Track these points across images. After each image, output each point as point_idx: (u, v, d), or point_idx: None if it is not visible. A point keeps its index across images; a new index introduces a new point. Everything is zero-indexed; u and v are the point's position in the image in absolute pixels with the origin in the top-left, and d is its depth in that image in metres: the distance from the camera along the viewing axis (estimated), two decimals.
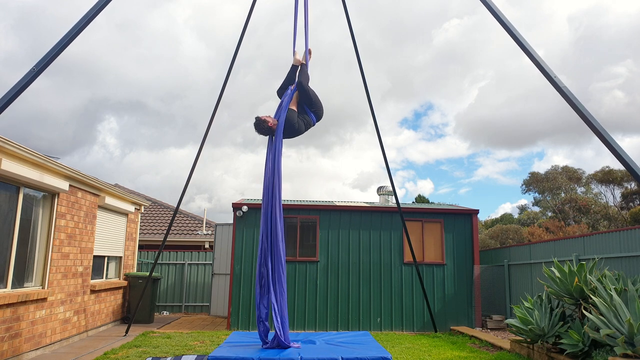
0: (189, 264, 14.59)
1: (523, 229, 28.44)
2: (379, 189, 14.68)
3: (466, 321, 11.13)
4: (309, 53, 6.38)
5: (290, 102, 5.81)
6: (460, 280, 11.35)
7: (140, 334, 9.39)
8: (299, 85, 5.86)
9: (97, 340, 8.76)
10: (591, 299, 6.22)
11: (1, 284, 6.51)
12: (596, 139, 5.56)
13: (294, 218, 11.28)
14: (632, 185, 28.18)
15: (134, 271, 11.96)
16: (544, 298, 7.53)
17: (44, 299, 7.45)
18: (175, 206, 10.04)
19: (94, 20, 6.01)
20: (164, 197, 44.09)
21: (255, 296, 5.33)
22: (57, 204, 7.92)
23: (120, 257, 11.26)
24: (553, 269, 7.21)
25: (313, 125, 5.96)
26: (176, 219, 18.94)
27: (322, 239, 11.28)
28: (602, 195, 31.20)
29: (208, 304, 13.88)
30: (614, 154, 5.44)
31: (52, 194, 7.85)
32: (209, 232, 18.49)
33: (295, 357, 4.53)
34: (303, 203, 12.10)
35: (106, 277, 10.44)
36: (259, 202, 11.18)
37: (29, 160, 6.86)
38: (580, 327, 6.42)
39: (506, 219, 37.58)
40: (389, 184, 12.61)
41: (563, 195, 30.97)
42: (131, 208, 11.37)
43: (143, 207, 12.39)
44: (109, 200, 9.93)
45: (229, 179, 56.29)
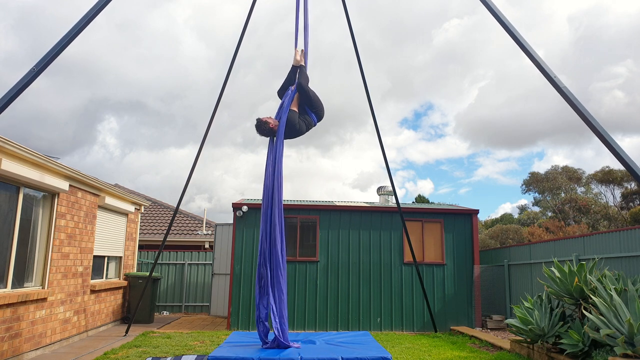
0: (189, 264, 14.60)
1: (523, 229, 28.44)
2: (379, 189, 14.68)
3: (466, 321, 11.13)
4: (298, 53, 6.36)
5: (291, 103, 5.80)
6: (460, 280, 11.35)
7: (140, 334, 9.39)
8: (299, 86, 5.86)
9: (97, 340, 8.77)
10: (591, 299, 6.22)
11: (1, 284, 6.51)
12: (596, 139, 5.56)
13: (294, 218, 11.28)
14: (632, 185, 28.18)
15: (134, 271, 11.96)
16: (544, 298, 7.53)
17: (44, 299, 7.46)
18: (175, 206, 10.04)
19: (94, 20, 6.02)
20: (164, 197, 44.12)
21: (255, 296, 5.34)
22: (57, 204, 7.92)
23: (120, 257, 11.26)
24: (553, 269, 7.21)
25: (314, 125, 5.97)
26: (176, 219, 18.94)
27: (322, 239, 11.28)
28: (602, 195, 31.23)
29: (208, 304, 13.88)
30: (613, 154, 5.44)
31: (52, 194, 7.85)
32: (209, 232, 18.49)
33: (295, 357, 4.53)
34: (303, 203, 12.10)
35: (106, 277, 10.44)
36: (259, 202, 11.19)
37: (29, 160, 6.86)
38: (580, 327, 6.42)
39: (506, 219, 37.59)
40: (389, 184, 12.62)
41: (563, 195, 30.97)
42: (131, 208, 11.37)
43: (143, 207, 12.40)
44: (109, 200, 9.93)
45: (229, 179, 56.34)
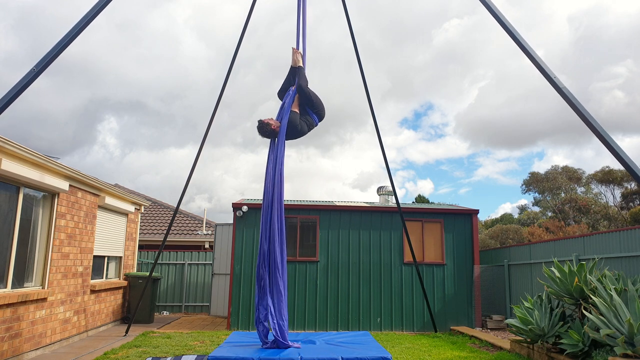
0: (189, 264, 14.60)
1: (523, 229, 28.43)
2: (379, 189, 14.69)
3: (466, 321, 11.13)
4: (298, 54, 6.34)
5: (292, 103, 5.80)
6: (460, 280, 11.35)
7: (140, 334, 9.39)
8: (298, 88, 5.86)
9: (97, 340, 8.77)
10: (591, 299, 6.22)
11: (1, 284, 6.51)
12: (596, 139, 5.56)
13: (294, 218, 11.28)
14: (632, 185, 28.17)
15: (134, 271, 11.96)
16: (544, 298, 7.53)
17: (44, 299, 7.46)
18: (175, 206, 10.04)
19: (94, 21, 6.02)
20: (164, 197, 44.12)
21: (255, 297, 5.33)
22: (57, 204, 7.92)
23: (120, 257, 11.26)
24: (553, 269, 7.21)
25: (315, 125, 5.97)
26: (176, 219, 18.94)
27: (322, 239, 11.28)
28: (602, 195, 31.22)
29: (208, 304, 13.88)
30: (613, 154, 5.44)
31: (52, 194, 7.85)
32: (209, 232, 18.49)
33: (295, 357, 4.53)
34: (303, 203, 12.10)
35: (106, 277, 10.44)
36: (259, 202, 11.19)
37: (29, 160, 6.86)
38: (580, 327, 6.42)
39: (506, 219, 37.58)
40: (389, 184, 12.62)
41: (563, 195, 30.96)
42: (131, 208, 11.37)
43: (143, 207, 12.40)
44: (109, 200, 9.93)
45: (229, 179, 56.34)
